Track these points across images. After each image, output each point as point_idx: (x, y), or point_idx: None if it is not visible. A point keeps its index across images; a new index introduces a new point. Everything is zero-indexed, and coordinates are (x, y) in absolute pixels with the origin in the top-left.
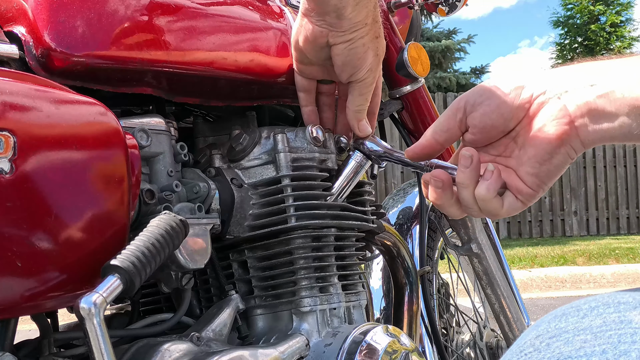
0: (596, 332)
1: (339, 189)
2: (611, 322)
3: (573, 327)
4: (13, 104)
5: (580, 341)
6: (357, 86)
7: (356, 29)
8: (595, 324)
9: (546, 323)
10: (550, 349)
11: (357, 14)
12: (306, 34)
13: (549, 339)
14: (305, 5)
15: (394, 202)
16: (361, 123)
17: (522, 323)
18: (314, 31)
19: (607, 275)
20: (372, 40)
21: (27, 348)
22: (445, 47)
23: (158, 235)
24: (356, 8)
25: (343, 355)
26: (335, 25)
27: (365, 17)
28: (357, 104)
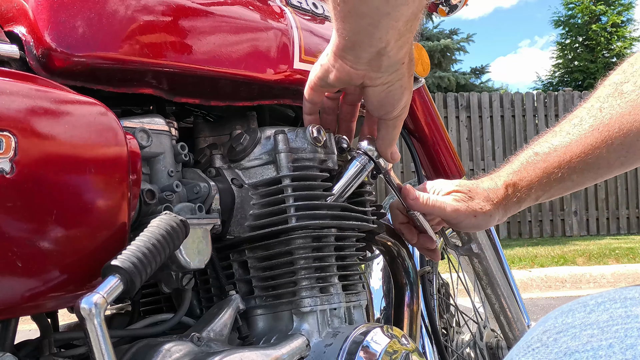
0: (603, 327)
1: (341, 189)
2: (618, 317)
3: (580, 322)
4: (13, 104)
5: (587, 336)
6: (390, 123)
7: (395, 70)
8: (602, 318)
9: (553, 319)
10: (557, 343)
11: (398, 51)
12: (339, 75)
13: (556, 334)
14: (338, 45)
15: None
16: (394, 151)
17: (522, 323)
18: (349, 73)
19: (607, 275)
20: (409, 80)
21: (28, 348)
22: (445, 47)
23: (158, 236)
24: (397, 44)
25: (343, 355)
26: (374, 65)
27: (404, 55)
28: (390, 138)
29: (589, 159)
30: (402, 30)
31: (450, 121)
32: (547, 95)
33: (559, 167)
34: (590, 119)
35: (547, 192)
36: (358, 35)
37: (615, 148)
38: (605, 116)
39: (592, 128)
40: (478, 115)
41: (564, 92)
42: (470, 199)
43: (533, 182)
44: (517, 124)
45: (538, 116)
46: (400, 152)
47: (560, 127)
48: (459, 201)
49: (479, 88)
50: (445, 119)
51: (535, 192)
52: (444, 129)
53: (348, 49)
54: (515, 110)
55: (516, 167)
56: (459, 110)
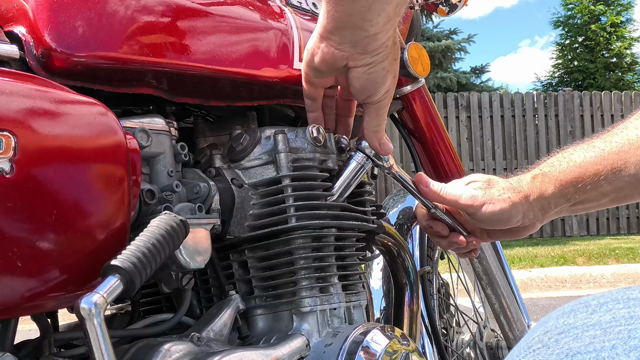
0: (605, 328)
1: (340, 189)
2: (621, 318)
3: (582, 323)
4: (13, 104)
5: (590, 337)
6: (373, 107)
7: (378, 52)
8: (605, 319)
9: (554, 319)
10: (559, 344)
11: (385, 34)
12: (324, 56)
13: (558, 335)
14: (325, 26)
15: (394, 202)
16: (382, 142)
17: (522, 323)
18: (333, 54)
19: (607, 275)
20: (392, 63)
21: (28, 348)
22: (445, 47)
23: (158, 236)
24: (385, 27)
25: (343, 355)
26: (359, 46)
27: (388, 39)
28: (375, 124)
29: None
30: (391, 14)
31: (450, 121)
32: (547, 95)
33: (596, 169)
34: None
35: (582, 191)
36: (350, 17)
37: None
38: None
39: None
40: (478, 115)
41: (563, 92)
42: (488, 187)
43: (568, 178)
44: (517, 124)
45: (538, 116)
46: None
47: (604, 136)
48: (476, 189)
49: (479, 88)
50: (445, 119)
51: (569, 191)
52: (444, 129)
53: (336, 29)
54: (515, 110)
55: (549, 162)
56: (459, 110)
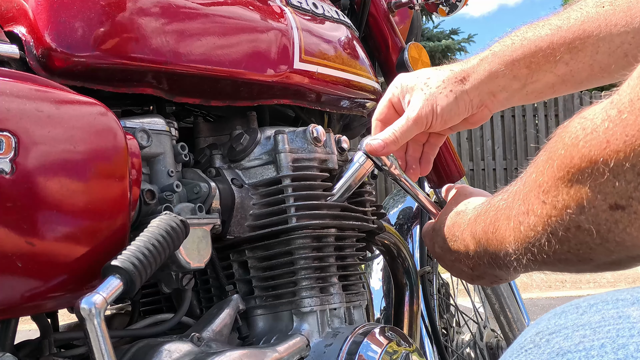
0: (595, 328)
1: (341, 189)
2: (609, 318)
3: (572, 323)
4: (13, 105)
5: (580, 336)
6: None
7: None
8: (594, 319)
9: (546, 320)
10: (550, 344)
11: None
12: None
13: (549, 335)
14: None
15: (394, 202)
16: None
17: (522, 323)
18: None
19: (607, 275)
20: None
21: (28, 348)
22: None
23: (158, 236)
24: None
25: (343, 355)
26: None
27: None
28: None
29: (584, 42)
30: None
31: None
32: None
33: (551, 47)
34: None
35: (535, 71)
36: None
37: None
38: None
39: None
40: None
41: None
42: (427, 87)
43: (520, 56)
44: (517, 124)
45: (538, 116)
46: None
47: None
48: (415, 102)
49: None
50: None
51: (521, 72)
52: None
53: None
54: (515, 110)
55: (501, 41)
56: None
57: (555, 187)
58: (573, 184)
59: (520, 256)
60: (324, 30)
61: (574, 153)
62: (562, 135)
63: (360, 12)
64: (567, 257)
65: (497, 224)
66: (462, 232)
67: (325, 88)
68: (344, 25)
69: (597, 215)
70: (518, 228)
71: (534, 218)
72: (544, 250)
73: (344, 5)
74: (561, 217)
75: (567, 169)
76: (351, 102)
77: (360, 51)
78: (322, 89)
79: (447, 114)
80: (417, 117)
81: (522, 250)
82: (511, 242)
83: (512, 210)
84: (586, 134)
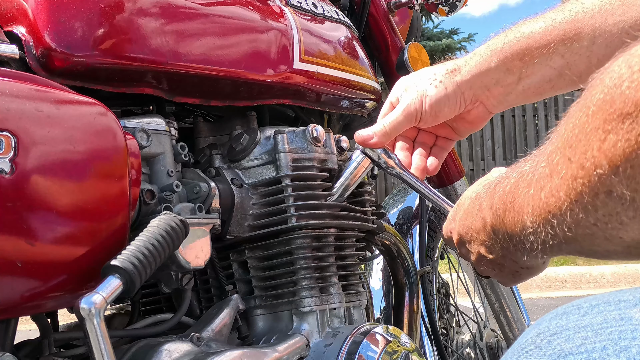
0: (597, 329)
1: (340, 189)
2: (612, 320)
3: (574, 324)
4: (13, 105)
5: (581, 338)
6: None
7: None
8: (596, 321)
9: (547, 321)
10: (551, 346)
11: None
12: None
13: (550, 336)
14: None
15: (394, 202)
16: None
17: (522, 323)
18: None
19: (607, 275)
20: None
21: (27, 348)
22: (445, 46)
23: (158, 236)
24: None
25: (343, 355)
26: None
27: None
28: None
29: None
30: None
31: None
32: None
33: (546, 40)
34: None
35: (529, 64)
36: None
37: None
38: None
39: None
40: None
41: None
42: (419, 80)
43: (514, 50)
44: (517, 124)
45: (538, 116)
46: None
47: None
48: (406, 95)
49: None
50: None
51: (515, 64)
52: None
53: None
54: (515, 110)
55: (497, 36)
56: None
57: (585, 140)
58: (608, 136)
59: (538, 230)
60: (324, 30)
61: (616, 96)
62: (602, 77)
63: (360, 12)
64: (593, 232)
65: (517, 191)
66: (481, 204)
67: (325, 88)
68: (344, 25)
69: (635, 177)
70: (538, 195)
71: (557, 181)
72: (565, 222)
73: (344, 5)
74: (589, 179)
75: (604, 117)
76: (351, 102)
77: (360, 51)
78: (321, 89)
79: (436, 105)
80: (405, 109)
81: (541, 222)
82: (529, 213)
83: (534, 175)
84: (633, 72)
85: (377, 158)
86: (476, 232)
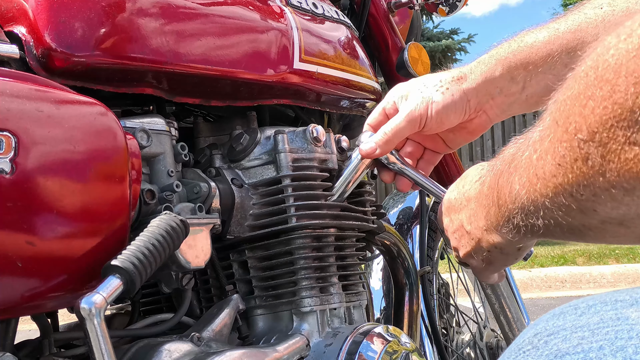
0: (593, 329)
1: (340, 189)
2: (608, 319)
3: (571, 324)
4: (13, 105)
5: (578, 338)
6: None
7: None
8: (593, 321)
9: (544, 322)
10: (548, 346)
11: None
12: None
13: (547, 336)
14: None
15: (394, 202)
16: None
17: (522, 323)
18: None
19: (607, 275)
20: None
21: (28, 348)
22: (445, 46)
23: (158, 236)
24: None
25: (343, 355)
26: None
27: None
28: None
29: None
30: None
31: None
32: None
33: (549, 49)
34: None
35: (533, 73)
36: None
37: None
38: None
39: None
40: None
41: None
42: (424, 87)
43: (518, 59)
44: (517, 124)
45: (538, 116)
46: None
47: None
48: (412, 100)
49: None
50: None
51: (519, 73)
52: None
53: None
54: None
55: (501, 46)
56: None
57: (571, 104)
58: (588, 102)
59: (523, 192)
60: (324, 30)
61: (600, 63)
62: (595, 45)
63: (360, 12)
64: (569, 203)
65: (517, 153)
66: (482, 168)
67: (325, 88)
68: (344, 25)
69: (608, 145)
70: (531, 157)
71: (546, 144)
72: (547, 188)
73: (344, 5)
74: (570, 143)
75: (587, 83)
76: (351, 102)
77: (360, 51)
78: (322, 89)
79: (442, 111)
80: (410, 115)
81: (528, 186)
82: (521, 174)
83: (532, 138)
84: (619, 41)
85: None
86: (467, 199)
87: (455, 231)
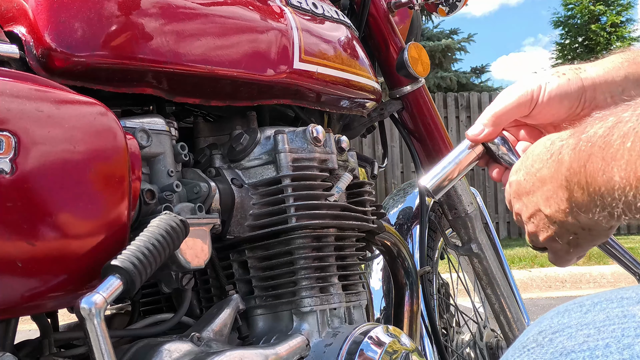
0: (599, 327)
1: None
2: (614, 317)
3: (576, 322)
4: (13, 105)
5: (584, 335)
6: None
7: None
8: (599, 318)
9: (549, 319)
10: (553, 344)
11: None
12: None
13: (552, 334)
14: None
15: (394, 202)
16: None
17: (522, 323)
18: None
19: (607, 275)
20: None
21: (28, 348)
22: (445, 46)
23: (158, 236)
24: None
25: (343, 355)
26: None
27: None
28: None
29: None
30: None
31: (450, 121)
32: None
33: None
34: None
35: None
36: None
37: None
38: None
39: None
40: (478, 115)
41: None
42: (535, 76)
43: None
44: None
45: None
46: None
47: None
48: (522, 84)
49: (479, 88)
50: (445, 119)
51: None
52: (444, 129)
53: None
54: None
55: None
56: (459, 110)
57: None
58: None
59: (627, 188)
60: (324, 30)
61: None
62: None
63: (360, 12)
64: None
65: (610, 137)
66: (561, 147)
67: (325, 88)
68: (344, 25)
69: None
70: (637, 149)
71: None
72: None
73: (344, 5)
74: None
75: None
76: (351, 102)
77: (360, 51)
78: (322, 89)
79: (556, 96)
80: (522, 95)
81: (634, 181)
82: (621, 167)
83: (636, 125)
84: None
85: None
86: (540, 180)
87: (532, 215)
